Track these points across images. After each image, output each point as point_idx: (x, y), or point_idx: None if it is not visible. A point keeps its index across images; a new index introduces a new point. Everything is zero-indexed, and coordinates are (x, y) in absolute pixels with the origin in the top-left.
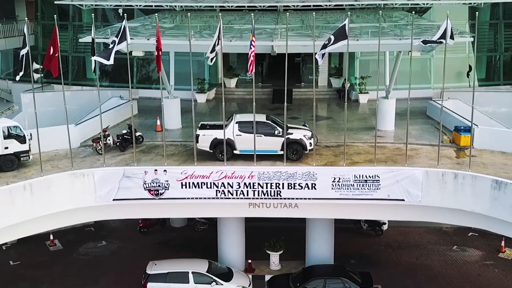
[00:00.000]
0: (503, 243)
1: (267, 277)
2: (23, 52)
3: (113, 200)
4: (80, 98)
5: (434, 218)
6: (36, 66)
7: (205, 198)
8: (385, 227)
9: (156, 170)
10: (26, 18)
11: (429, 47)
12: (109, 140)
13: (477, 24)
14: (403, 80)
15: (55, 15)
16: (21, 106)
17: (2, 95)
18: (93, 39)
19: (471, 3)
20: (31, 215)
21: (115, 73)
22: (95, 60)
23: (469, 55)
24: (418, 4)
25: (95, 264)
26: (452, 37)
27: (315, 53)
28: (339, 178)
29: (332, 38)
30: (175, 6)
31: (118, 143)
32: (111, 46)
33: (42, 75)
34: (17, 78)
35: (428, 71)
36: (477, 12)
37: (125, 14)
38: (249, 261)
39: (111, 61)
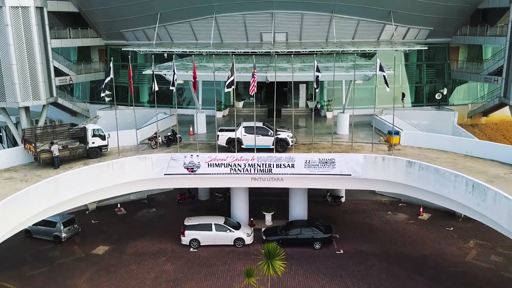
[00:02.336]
0: (421, 209)
1: (263, 229)
2: (107, 80)
3: (164, 174)
4: (136, 114)
5: (371, 187)
6: (107, 92)
7: (223, 174)
8: (343, 199)
9: (192, 155)
10: (112, 58)
11: (366, 76)
12: (159, 139)
13: (391, 64)
14: (357, 102)
15: (129, 56)
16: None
17: (83, 113)
18: (153, 72)
19: (402, 50)
20: (112, 183)
21: (159, 97)
22: (154, 87)
23: (402, 85)
24: (365, 50)
25: (148, 223)
26: (382, 70)
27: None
28: (309, 161)
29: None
30: (203, 52)
31: (165, 141)
32: (170, 77)
33: (111, 98)
34: (102, 94)
35: (373, 96)
36: (394, 55)
37: (172, 55)
38: (251, 219)
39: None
